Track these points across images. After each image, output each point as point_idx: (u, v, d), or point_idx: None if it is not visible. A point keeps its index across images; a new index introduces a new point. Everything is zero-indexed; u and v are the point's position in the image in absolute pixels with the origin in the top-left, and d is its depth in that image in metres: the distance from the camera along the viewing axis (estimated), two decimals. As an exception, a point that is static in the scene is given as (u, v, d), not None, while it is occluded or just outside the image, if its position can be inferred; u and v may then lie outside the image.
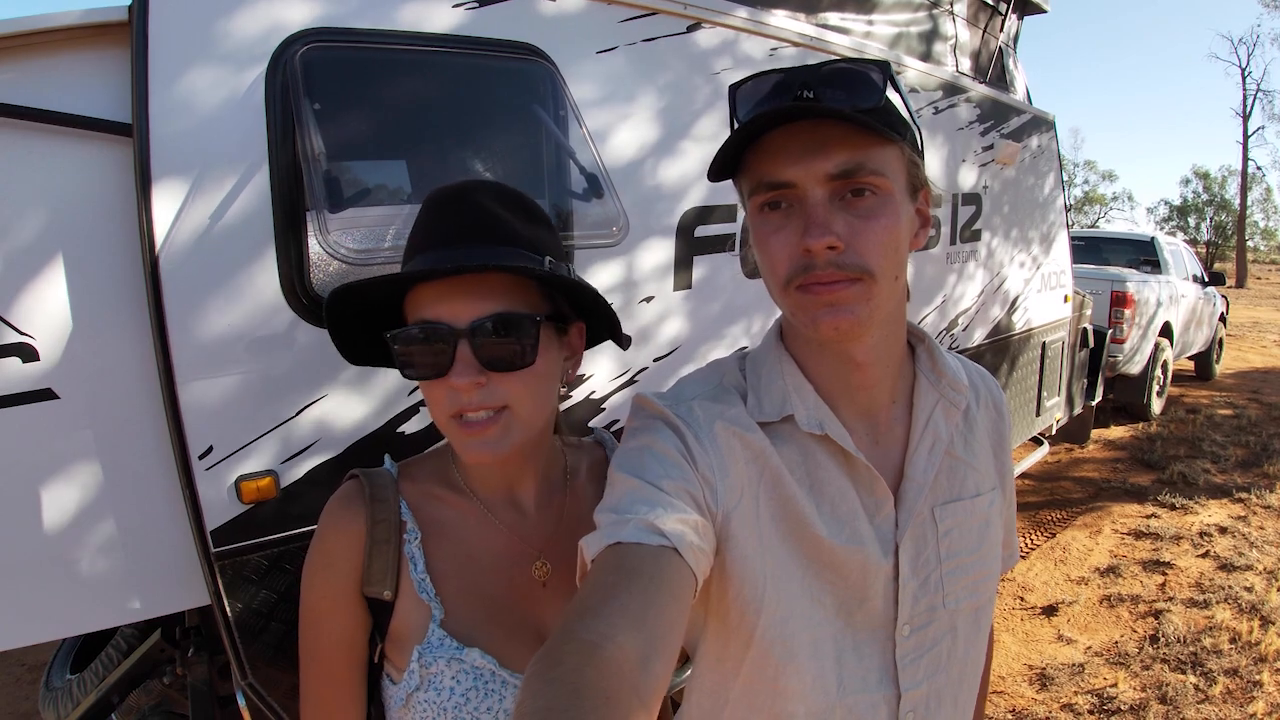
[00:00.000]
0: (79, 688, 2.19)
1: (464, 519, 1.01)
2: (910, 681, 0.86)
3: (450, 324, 0.86)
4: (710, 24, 2.17)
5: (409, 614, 0.95)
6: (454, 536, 1.00)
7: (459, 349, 0.86)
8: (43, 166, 1.34)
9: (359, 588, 0.95)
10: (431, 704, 0.93)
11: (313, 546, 0.97)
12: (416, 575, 0.96)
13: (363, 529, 0.94)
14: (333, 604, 0.95)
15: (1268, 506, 5.32)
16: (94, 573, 1.44)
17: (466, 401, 0.88)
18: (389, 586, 0.94)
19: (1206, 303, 9.35)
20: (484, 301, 0.87)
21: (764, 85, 0.80)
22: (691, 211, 2.14)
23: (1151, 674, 3.37)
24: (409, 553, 0.96)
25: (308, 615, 0.97)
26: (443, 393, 0.89)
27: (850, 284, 0.76)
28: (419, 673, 0.93)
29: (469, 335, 0.86)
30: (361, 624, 0.96)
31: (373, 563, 0.94)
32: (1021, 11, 4.21)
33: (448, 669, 0.93)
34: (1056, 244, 4.54)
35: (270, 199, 1.46)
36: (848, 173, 0.75)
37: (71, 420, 1.39)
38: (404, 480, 1.01)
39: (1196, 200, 45.40)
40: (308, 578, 0.96)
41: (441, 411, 0.90)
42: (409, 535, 0.97)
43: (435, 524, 0.99)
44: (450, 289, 0.87)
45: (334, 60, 1.55)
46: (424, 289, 0.88)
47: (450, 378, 0.87)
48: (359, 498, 0.97)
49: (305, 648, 0.98)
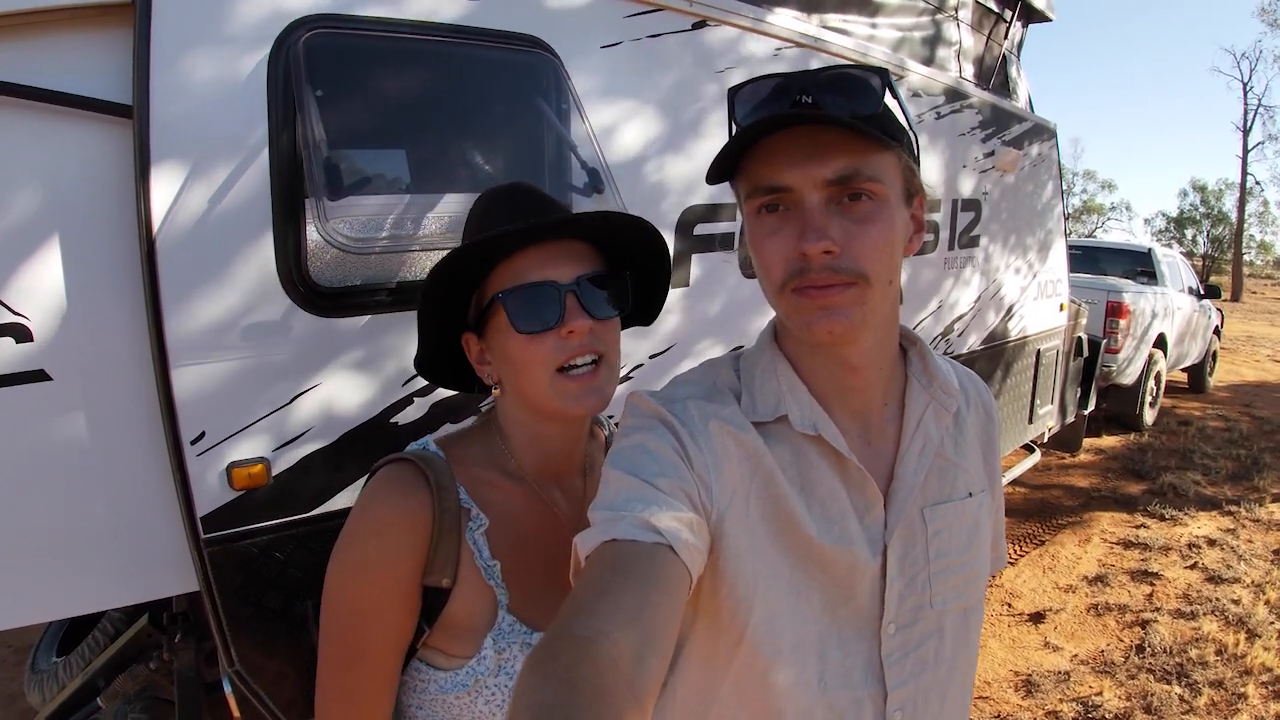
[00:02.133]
0: (65, 671, 2.19)
1: (517, 502, 1.04)
2: (896, 680, 0.87)
3: (558, 281, 0.96)
4: (715, 22, 2.17)
5: (469, 601, 0.96)
6: (510, 520, 1.02)
7: (568, 301, 0.97)
8: (42, 146, 1.33)
9: (420, 579, 0.93)
10: (504, 688, 0.94)
11: (363, 539, 0.93)
12: (482, 562, 0.97)
13: (429, 519, 0.94)
14: (391, 599, 0.92)
15: (1257, 520, 5.34)
16: (83, 556, 1.44)
17: (576, 346, 0.97)
18: (449, 574, 0.94)
19: (1201, 315, 9.39)
20: (577, 263, 0.99)
21: (763, 89, 0.80)
22: (692, 209, 2.14)
23: (1137, 684, 3.38)
24: (471, 540, 0.97)
25: (353, 611, 0.93)
26: (548, 349, 0.96)
27: (845, 288, 0.77)
28: (493, 658, 0.94)
29: (575, 289, 0.97)
30: (415, 615, 0.95)
31: (438, 553, 0.94)
32: (1026, 19, 4.21)
33: (521, 654, 0.95)
34: (1054, 252, 4.55)
35: (269, 185, 1.46)
36: (845, 178, 0.76)
37: (63, 402, 1.38)
38: (455, 465, 1.01)
39: (1193, 213, 45.53)
40: (355, 573, 0.93)
41: (545, 369, 0.97)
42: (474, 523, 0.98)
43: (493, 508, 1.01)
44: (549, 253, 0.97)
45: (337, 47, 1.55)
46: (521, 259, 0.97)
47: (565, 324, 0.96)
48: (422, 486, 0.95)
49: (344, 646, 0.93)
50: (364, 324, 1.59)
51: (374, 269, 1.59)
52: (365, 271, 1.58)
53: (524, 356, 0.97)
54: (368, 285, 1.58)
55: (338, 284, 1.55)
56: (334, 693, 0.94)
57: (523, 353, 0.97)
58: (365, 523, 0.94)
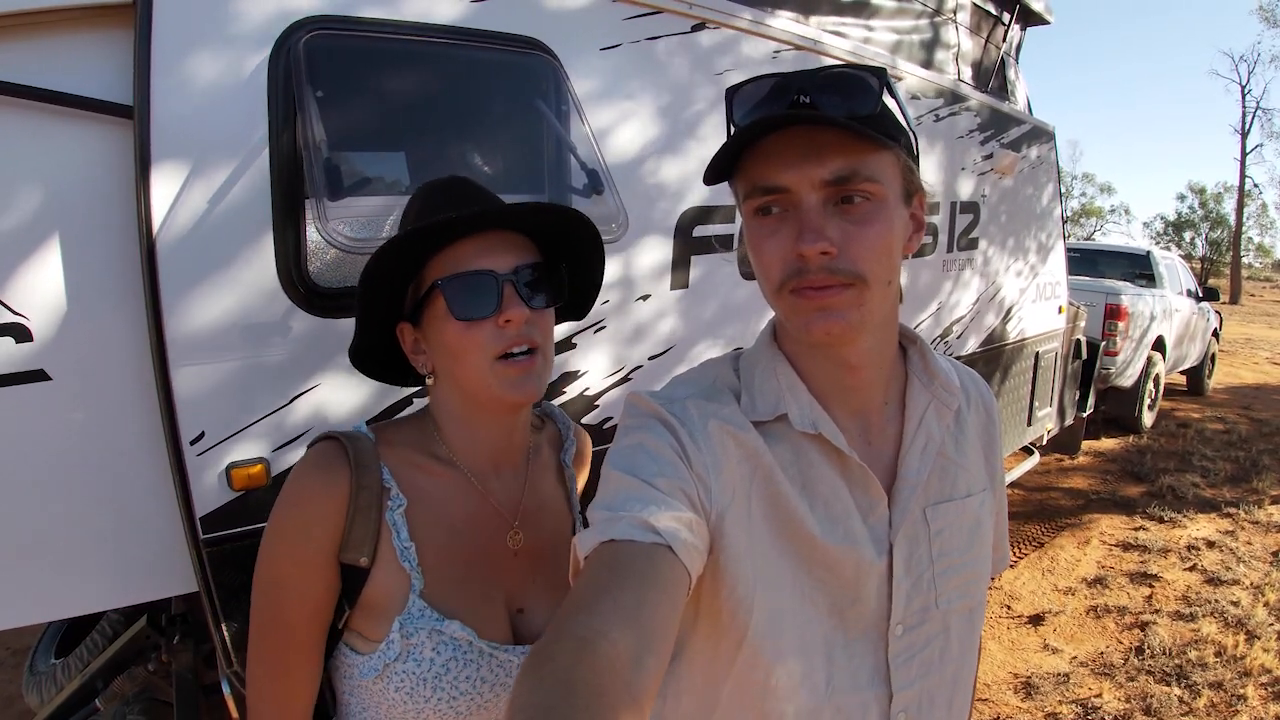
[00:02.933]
0: (63, 673, 2.19)
1: (445, 488, 1.03)
2: (903, 681, 0.86)
3: (496, 271, 0.97)
4: (714, 25, 2.18)
5: (386, 582, 0.96)
6: (435, 505, 1.01)
7: (506, 290, 0.97)
8: (43, 146, 1.33)
9: (335, 554, 0.94)
10: (411, 674, 0.93)
11: (284, 510, 0.95)
12: (400, 543, 0.96)
13: (346, 494, 0.94)
14: (305, 570, 0.94)
15: (1255, 522, 5.35)
16: (81, 556, 1.44)
17: (513, 336, 0.97)
18: (366, 553, 0.94)
19: (1200, 318, 9.40)
20: (516, 253, 0.99)
21: (761, 89, 0.80)
22: (691, 211, 2.14)
23: (1136, 685, 3.38)
24: (391, 520, 0.97)
25: (272, 579, 0.95)
26: (484, 337, 0.96)
27: (843, 289, 0.77)
28: (400, 643, 0.94)
29: (513, 279, 0.97)
30: (332, 590, 0.96)
31: (353, 529, 0.94)
32: (1024, 22, 4.23)
33: (429, 640, 0.94)
34: (1052, 255, 4.56)
35: (269, 186, 1.46)
36: (842, 179, 0.76)
37: (63, 402, 1.38)
38: (383, 446, 1.01)
39: (1192, 216, 45.58)
40: (276, 542, 0.95)
41: (484, 356, 0.97)
42: (393, 502, 0.97)
43: (416, 491, 1.00)
44: (489, 244, 0.98)
45: (338, 49, 1.55)
46: (460, 248, 0.97)
47: (502, 313, 0.96)
48: (342, 461, 0.96)
49: (265, 612, 0.96)
50: (364, 325, 1.59)
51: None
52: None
53: (461, 344, 0.97)
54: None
55: (337, 284, 1.55)
56: (257, 658, 0.97)
57: (460, 340, 0.97)
58: (286, 495, 0.96)
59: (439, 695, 0.94)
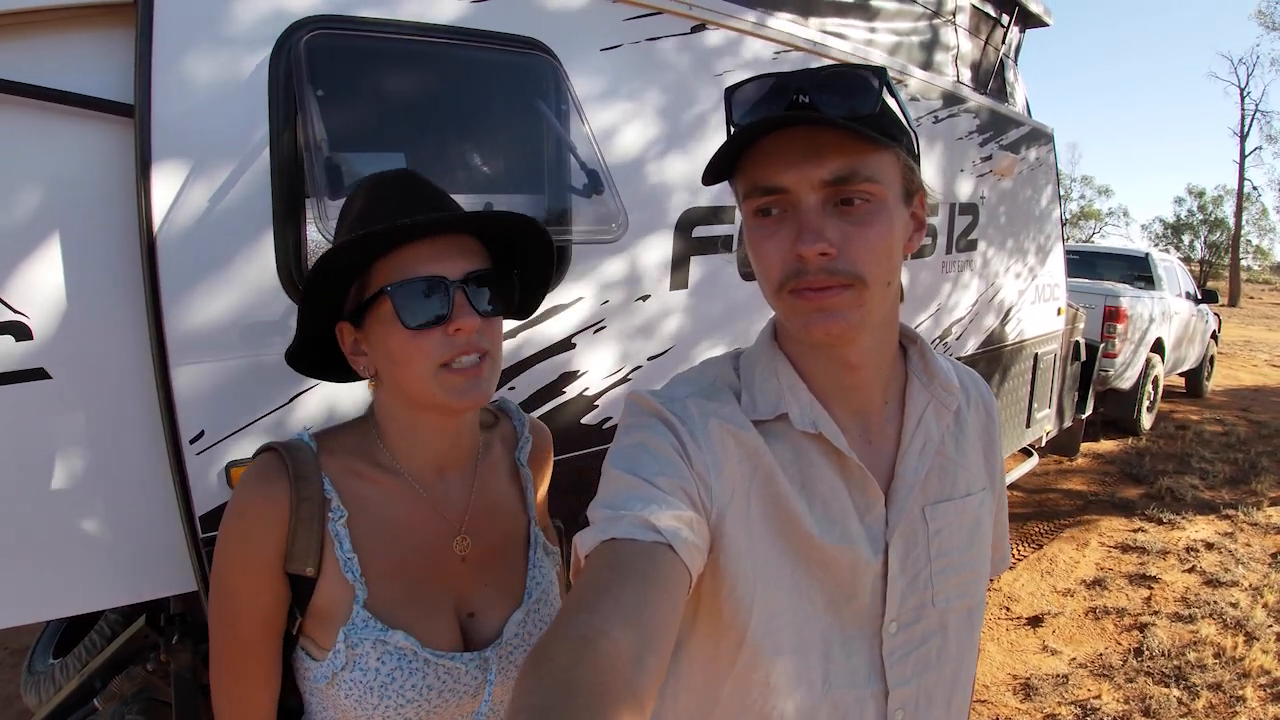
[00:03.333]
0: (61, 672, 2.18)
1: (388, 496, 1.02)
2: (898, 678, 0.86)
3: (447, 276, 0.94)
4: (714, 25, 2.18)
5: (332, 591, 0.96)
6: (378, 514, 1.00)
7: (456, 297, 0.94)
8: (44, 144, 1.33)
9: (281, 564, 0.94)
10: (358, 683, 0.93)
11: (229, 521, 0.96)
12: (342, 554, 0.96)
13: (285, 507, 0.94)
14: (252, 580, 0.94)
15: (1254, 524, 5.35)
16: (81, 555, 1.43)
17: (464, 344, 0.94)
18: (312, 563, 0.94)
19: (1199, 320, 9.41)
20: (467, 258, 0.96)
21: (760, 89, 0.80)
22: (691, 211, 2.15)
23: (1135, 687, 3.38)
24: (333, 531, 0.96)
25: (223, 589, 0.96)
26: (433, 344, 0.93)
27: (842, 290, 0.77)
28: (345, 653, 0.94)
29: (464, 285, 0.95)
30: (281, 599, 0.96)
31: (296, 541, 0.94)
32: (1023, 24, 4.23)
33: (373, 650, 0.94)
34: (1051, 257, 4.56)
35: (270, 185, 1.46)
36: (842, 179, 0.75)
37: (63, 401, 1.38)
38: (325, 455, 1.00)
39: (1191, 219, 45.63)
40: (224, 552, 0.95)
41: (430, 363, 0.94)
42: (334, 513, 0.97)
43: (359, 501, 0.99)
44: (441, 248, 0.95)
45: (338, 48, 1.55)
46: (411, 251, 0.94)
47: (453, 321, 0.93)
48: (281, 473, 0.95)
49: (219, 620, 0.97)
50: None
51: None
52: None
53: (407, 351, 0.94)
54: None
55: (337, 284, 1.54)
56: (216, 661, 0.99)
57: (406, 347, 0.94)
58: (231, 506, 0.97)
59: (385, 703, 0.94)
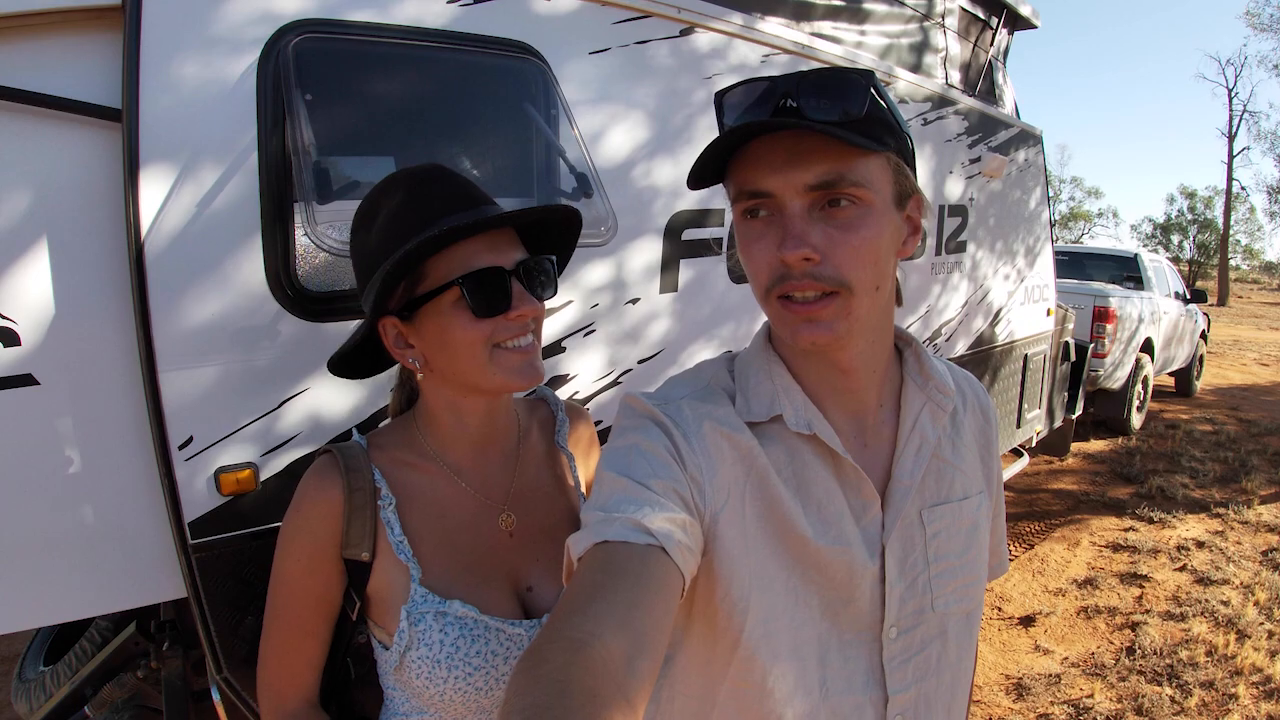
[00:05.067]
0: (52, 680, 2.17)
1: (433, 482, 1.10)
2: (898, 685, 0.86)
3: (503, 267, 1.01)
4: (703, 29, 2.19)
5: (388, 574, 1.03)
6: (425, 499, 1.08)
7: (514, 286, 1.01)
8: (31, 149, 1.32)
9: (338, 551, 1.03)
10: (425, 660, 0.99)
11: (289, 516, 1.05)
12: (394, 538, 1.04)
13: (340, 497, 1.02)
14: (309, 567, 1.03)
15: (1245, 522, 5.38)
16: (69, 561, 1.42)
17: (518, 326, 1.02)
18: (367, 549, 1.03)
19: (1188, 320, 9.45)
20: (515, 249, 1.04)
21: (749, 94, 0.80)
22: (681, 214, 2.15)
23: (1128, 685, 3.40)
24: (385, 517, 1.04)
25: (283, 578, 1.05)
26: (492, 329, 1.00)
27: (828, 300, 0.77)
28: (409, 631, 1.00)
29: (518, 273, 1.02)
30: (337, 584, 1.05)
31: (351, 528, 1.02)
32: (1012, 26, 4.25)
33: (435, 623, 1.00)
34: (1041, 258, 4.58)
35: (258, 189, 1.45)
36: (827, 184, 0.75)
37: (51, 406, 1.37)
38: (374, 450, 1.09)
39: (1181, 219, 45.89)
40: (284, 544, 1.04)
41: (484, 346, 1.01)
42: (384, 501, 1.05)
43: (406, 488, 1.08)
44: (493, 240, 1.01)
45: (327, 52, 1.55)
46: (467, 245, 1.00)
47: (515, 308, 1.01)
48: (334, 469, 1.04)
49: (275, 604, 1.06)
50: (352, 329, 1.58)
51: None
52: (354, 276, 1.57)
53: (469, 338, 1.00)
54: (357, 290, 1.57)
55: (326, 288, 1.54)
56: (265, 638, 1.07)
57: (468, 334, 1.00)
58: (292, 503, 1.06)
59: (454, 674, 0.99)
